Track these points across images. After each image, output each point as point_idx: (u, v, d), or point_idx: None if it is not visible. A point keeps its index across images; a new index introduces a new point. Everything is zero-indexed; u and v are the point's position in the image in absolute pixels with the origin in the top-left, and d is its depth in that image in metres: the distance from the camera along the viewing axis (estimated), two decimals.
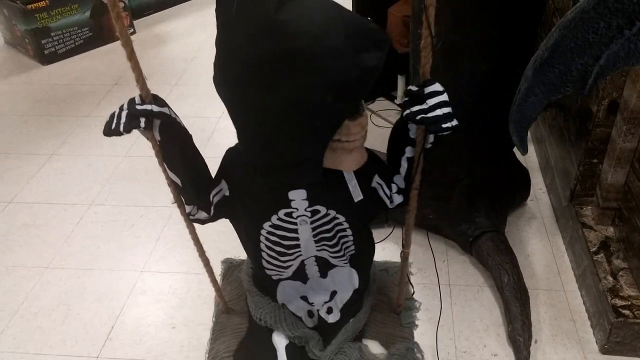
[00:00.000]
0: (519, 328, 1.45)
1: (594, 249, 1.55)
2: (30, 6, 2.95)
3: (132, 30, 3.41)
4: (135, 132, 0.81)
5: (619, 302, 1.40)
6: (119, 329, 1.59)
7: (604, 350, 1.44)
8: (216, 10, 0.75)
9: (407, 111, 0.77)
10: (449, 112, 0.75)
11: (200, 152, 0.90)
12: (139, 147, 2.31)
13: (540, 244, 1.78)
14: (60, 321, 1.62)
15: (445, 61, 1.44)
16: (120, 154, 2.31)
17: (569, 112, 1.75)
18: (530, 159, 2.13)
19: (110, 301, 1.67)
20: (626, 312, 1.38)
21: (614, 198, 1.56)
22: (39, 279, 1.76)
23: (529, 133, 2.22)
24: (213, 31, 0.75)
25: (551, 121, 1.98)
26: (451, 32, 1.40)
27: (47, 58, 3.10)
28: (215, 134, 2.37)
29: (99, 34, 3.25)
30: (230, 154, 0.92)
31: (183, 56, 3.12)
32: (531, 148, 2.19)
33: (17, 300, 1.69)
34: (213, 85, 0.79)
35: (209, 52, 3.11)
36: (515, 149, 1.80)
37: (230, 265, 1.26)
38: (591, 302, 1.52)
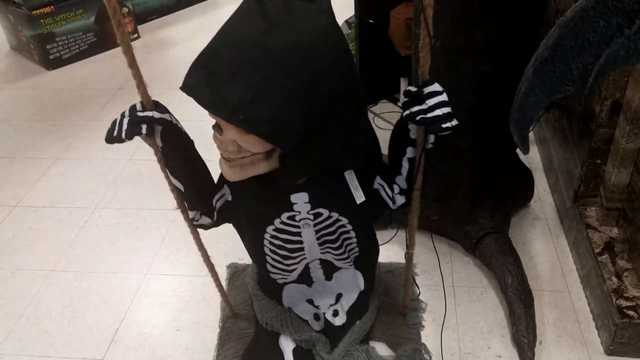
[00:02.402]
0: (523, 329, 1.45)
1: (598, 250, 1.55)
2: (35, 12, 2.97)
3: (136, 35, 3.43)
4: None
5: (623, 303, 1.40)
6: (123, 331, 1.59)
7: (609, 352, 1.43)
8: None
9: (407, 112, 0.77)
10: (448, 112, 0.74)
11: (203, 157, 0.90)
12: (143, 150, 2.32)
13: (544, 245, 1.78)
14: (66, 324, 1.63)
15: (448, 62, 1.44)
16: (125, 158, 2.32)
17: (572, 113, 1.75)
18: (533, 160, 2.12)
19: (114, 304, 1.68)
20: (631, 312, 1.38)
21: (618, 198, 1.56)
22: (44, 282, 1.77)
23: (532, 134, 2.23)
24: None
25: (554, 122, 1.97)
26: (454, 33, 1.40)
27: (52, 63, 3.12)
28: None
29: (103, 39, 3.27)
30: None
31: (186, 60, 3.07)
32: (535, 149, 2.19)
33: (23, 303, 1.70)
34: None
35: None
36: (518, 150, 1.80)
37: (235, 270, 1.25)
38: (596, 303, 1.52)
